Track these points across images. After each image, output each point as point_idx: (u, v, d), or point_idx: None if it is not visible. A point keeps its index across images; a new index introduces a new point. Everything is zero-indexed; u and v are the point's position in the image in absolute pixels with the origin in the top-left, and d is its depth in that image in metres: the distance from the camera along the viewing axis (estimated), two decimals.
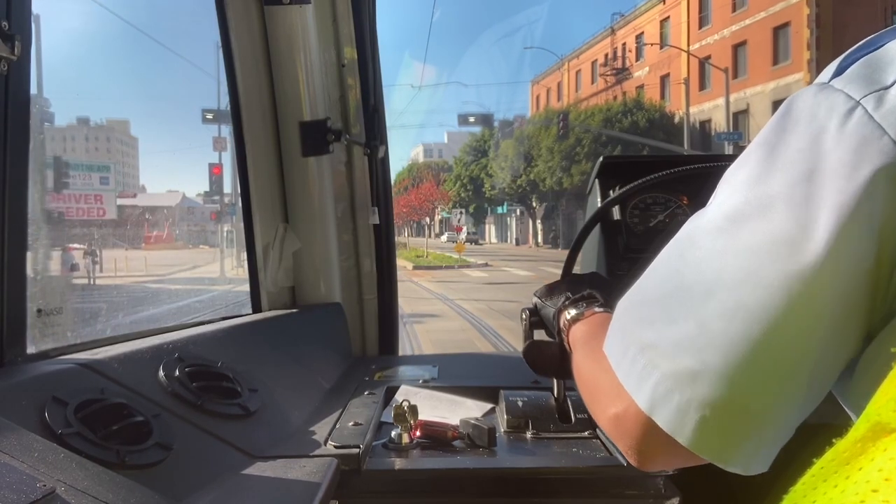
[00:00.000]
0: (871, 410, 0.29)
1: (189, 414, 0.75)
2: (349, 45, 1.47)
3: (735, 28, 23.78)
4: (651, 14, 28.82)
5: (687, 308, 0.45)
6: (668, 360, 0.45)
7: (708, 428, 0.44)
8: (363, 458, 0.79)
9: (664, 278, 0.48)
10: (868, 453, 0.27)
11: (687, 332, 0.44)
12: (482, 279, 16.66)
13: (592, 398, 0.58)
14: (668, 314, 0.46)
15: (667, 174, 1.06)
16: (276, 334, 1.20)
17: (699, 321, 0.44)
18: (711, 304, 0.43)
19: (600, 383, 0.54)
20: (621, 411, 0.49)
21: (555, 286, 0.86)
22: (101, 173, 5.76)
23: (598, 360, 0.55)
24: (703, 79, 25.71)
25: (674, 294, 0.46)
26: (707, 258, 0.44)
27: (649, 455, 0.49)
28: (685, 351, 0.44)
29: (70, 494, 0.47)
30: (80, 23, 6.54)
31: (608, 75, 31.87)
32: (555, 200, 29.99)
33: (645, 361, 0.47)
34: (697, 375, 0.43)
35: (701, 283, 0.44)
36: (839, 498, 0.27)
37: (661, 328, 0.46)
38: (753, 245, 0.42)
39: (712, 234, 0.45)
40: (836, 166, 0.40)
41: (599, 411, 0.54)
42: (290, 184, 1.40)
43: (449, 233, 40.27)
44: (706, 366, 0.43)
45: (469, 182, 36.73)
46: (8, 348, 0.68)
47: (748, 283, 0.42)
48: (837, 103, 0.41)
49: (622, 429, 0.50)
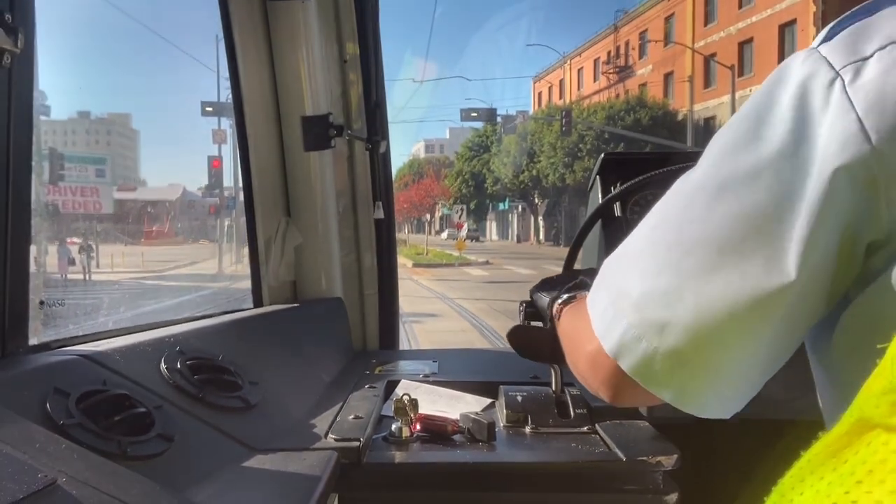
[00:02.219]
0: (856, 406, 0.30)
1: (190, 406, 0.76)
2: (351, 40, 1.47)
3: (741, 25, 23.68)
4: (655, 11, 28.70)
5: (665, 263, 0.46)
6: (638, 310, 0.47)
7: (669, 375, 0.47)
8: (363, 451, 0.79)
9: (647, 234, 0.50)
10: (853, 447, 0.28)
11: (661, 285, 0.46)
12: (483, 277, 16.65)
13: (573, 345, 0.60)
14: (645, 267, 0.48)
15: (668, 170, 1.06)
16: (278, 328, 1.20)
17: (675, 276, 0.46)
18: (690, 262, 0.45)
19: (579, 329, 0.57)
20: (594, 350, 0.52)
21: (551, 278, 0.88)
22: (96, 165, 5.71)
23: (580, 312, 0.58)
24: (708, 76, 25.62)
25: (653, 249, 0.48)
26: (690, 218, 0.46)
27: (618, 393, 0.52)
28: (657, 303, 0.46)
29: (71, 485, 0.48)
30: (82, 15, 6.55)
31: (611, 73, 31.77)
32: (557, 196, 29.95)
33: (616, 309, 0.49)
34: (665, 327, 0.46)
35: (682, 242, 0.46)
36: (826, 489, 0.27)
37: (637, 279, 0.48)
38: (738, 212, 0.43)
39: (699, 196, 0.46)
40: (822, 142, 0.41)
41: (577, 355, 0.57)
42: (292, 178, 1.40)
43: (450, 229, 40.28)
44: (676, 319, 0.45)
45: (471, 178, 36.69)
46: (10, 340, 0.68)
47: (728, 248, 0.43)
48: (820, 72, 0.42)
49: (594, 366, 0.53)
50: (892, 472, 0.25)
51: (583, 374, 0.57)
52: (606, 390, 0.53)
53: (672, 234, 0.47)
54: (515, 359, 0.93)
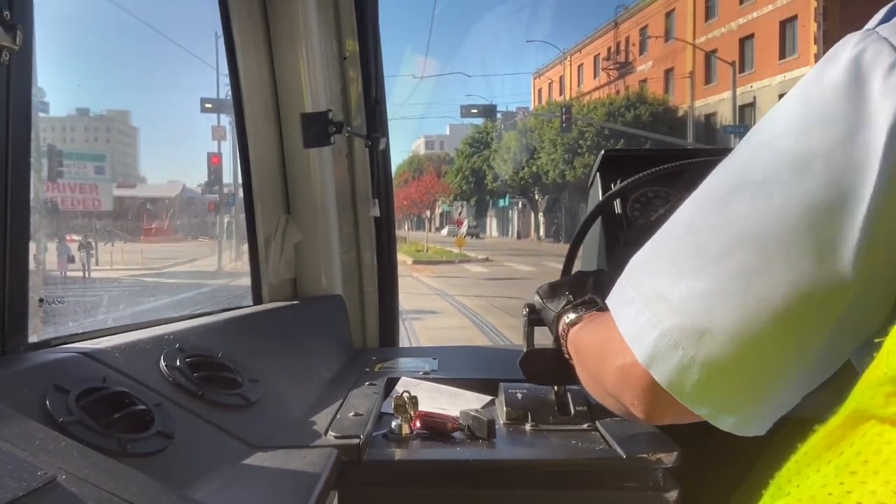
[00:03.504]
0: (852, 398, 0.30)
1: (190, 403, 0.76)
2: (351, 37, 1.46)
3: (742, 21, 23.64)
4: (656, 6, 28.63)
5: (703, 263, 0.42)
6: (675, 315, 0.43)
7: (707, 388, 0.43)
8: (363, 448, 0.79)
9: (682, 232, 0.46)
10: (848, 439, 0.28)
11: (700, 288, 0.42)
12: (483, 274, 16.65)
13: (597, 360, 0.56)
14: (681, 268, 0.44)
15: (668, 168, 1.05)
16: (277, 326, 1.20)
17: (714, 278, 0.41)
18: (730, 262, 0.41)
19: (606, 341, 0.52)
20: (628, 363, 0.47)
21: (557, 286, 0.86)
22: (96, 163, 5.66)
23: (603, 323, 0.53)
24: (708, 72, 25.58)
25: (690, 249, 0.44)
26: (732, 215, 0.41)
27: (653, 409, 0.48)
28: (695, 307, 0.42)
29: (71, 482, 0.48)
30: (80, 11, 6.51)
31: (611, 69, 31.71)
32: (557, 193, 29.94)
33: (650, 314, 0.45)
34: (705, 333, 0.41)
35: (721, 241, 0.42)
36: (822, 481, 0.27)
37: (672, 282, 0.44)
38: (786, 207, 0.39)
39: (739, 191, 0.42)
40: (883, 130, 0.36)
41: (605, 369, 0.52)
42: (292, 175, 1.40)
43: (450, 226, 40.25)
44: (716, 324, 0.41)
45: (471, 174, 36.66)
46: (9, 337, 0.68)
47: (774, 246, 0.39)
48: (882, 54, 0.38)
49: (626, 380, 0.48)
50: (885, 462, 0.26)
51: (612, 391, 0.52)
52: (640, 405, 0.48)
53: (711, 231, 0.42)
54: (515, 356, 0.93)
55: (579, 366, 0.66)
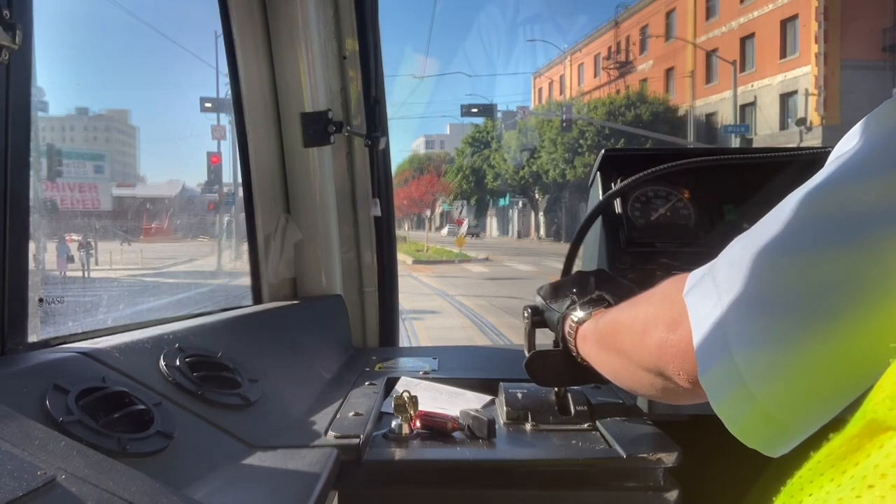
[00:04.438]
0: (867, 408, 0.29)
1: (190, 403, 0.76)
2: (351, 36, 1.46)
3: (743, 20, 23.63)
4: (656, 5, 28.62)
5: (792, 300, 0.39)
6: (747, 346, 0.40)
7: (754, 422, 0.41)
8: (363, 448, 0.79)
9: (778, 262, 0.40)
10: (864, 450, 0.27)
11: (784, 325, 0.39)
12: (483, 274, 16.65)
13: (640, 332, 0.53)
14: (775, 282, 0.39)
15: (668, 167, 1.05)
16: (277, 326, 1.20)
17: (800, 320, 0.38)
18: (824, 301, 0.37)
19: (650, 315, 0.50)
20: (676, 338, 0.45)
21: (559, 286, 0.85)
22: (95, 162, 5.63)
23: (644, 300, 0.51)
24: (709, 72, 25.57)
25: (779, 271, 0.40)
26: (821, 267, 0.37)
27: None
28: (773, 339, 0.39)
29: (71, 482, 0.47)
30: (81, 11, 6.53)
31: (611, 69, 31.70)
32: (557, 192, 29.93)
33: (725, 339, 0.41)
34: (772, 378, 0.39)
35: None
36: (836, 492, 0.27)
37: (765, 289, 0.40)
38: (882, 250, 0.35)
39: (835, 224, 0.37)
40: None
41: (647, 340, 0.50)
42: (292, 175, 1.40)
43: (450, 225, 40.23)
44: (787, 373, 0.39)
45: (471, 173, 36.66)
46: (9, 337, 0.68)
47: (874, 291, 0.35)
48: None
49: (673, 352, 0.46)
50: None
51: (653, 363, 0.49)
52: (685, 374, 0.46)
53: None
54: (515, 356, 0.93)
55: (606, 349, 0.64)
